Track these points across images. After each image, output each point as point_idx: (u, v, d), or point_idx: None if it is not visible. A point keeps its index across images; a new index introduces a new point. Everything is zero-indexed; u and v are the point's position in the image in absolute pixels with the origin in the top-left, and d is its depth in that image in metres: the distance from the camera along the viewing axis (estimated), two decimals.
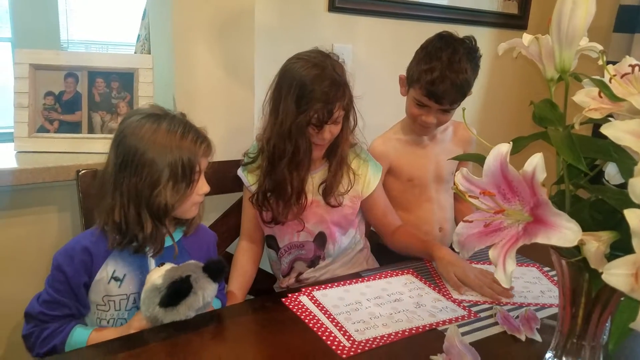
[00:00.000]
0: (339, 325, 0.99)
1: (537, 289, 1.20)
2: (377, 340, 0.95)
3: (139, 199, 1.01)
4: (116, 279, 1.05)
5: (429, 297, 1.14)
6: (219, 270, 1.03)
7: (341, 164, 1.35)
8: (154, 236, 1.04)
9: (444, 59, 1.36)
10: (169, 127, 1.04)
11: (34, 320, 1.03)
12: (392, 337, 0.96)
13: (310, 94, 1.21)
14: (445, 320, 1.03)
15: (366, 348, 0.92)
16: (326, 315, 1.02)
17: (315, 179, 1.36)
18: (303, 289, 1.13)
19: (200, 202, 1.11)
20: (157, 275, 0.98)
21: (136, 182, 1.01)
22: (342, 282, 1.18)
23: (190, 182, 1.05)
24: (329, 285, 1.16)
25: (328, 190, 1.33)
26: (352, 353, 0.90)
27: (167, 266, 1.01)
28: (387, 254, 1.48)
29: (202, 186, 1.09)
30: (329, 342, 0.93)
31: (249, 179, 1.38)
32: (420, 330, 0.99)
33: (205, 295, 0.99)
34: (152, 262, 1.08)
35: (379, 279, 1.21)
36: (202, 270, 1.01)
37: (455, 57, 1.36)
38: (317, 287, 1.14)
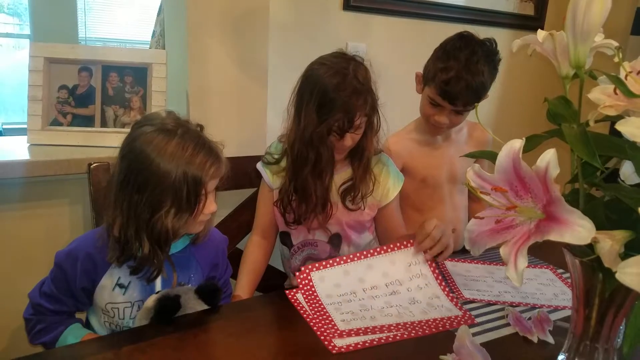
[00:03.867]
0: (329, 319, 0.98)
1: (550, 291, 1.18)
2: (361, 331, 0.95)
3: (139, 221, 0.96)
4: (121, 286, 1.03)
5: (428, 290, 1.11)
6: (211, 293, 1.00)
7: (366, 169, 1.33)
8: (152, 259, 0.99)
9: (462, 59, 1.34)
10: (180, 142, 0.96)
11: (33, 308, 1.04)
12: (376, 330, 0.96)
13: (331, 102, 1.19)
14: (437, 319, 1.02)
15: (352, 345, 0.91)
16: (318, 309, 1.02)
17: (336, 180, 1.34)
18: (303, 268, 1.10)
19: (207, 220, 1.06)
20: (151, 299, 0.96)
21: (137, 202, 0.95)
22: (343, 260, 1.13)
23: (195, 205, 0.98)
24: (329, 263, 1.12)
25: (350, 194, 1.32)
26: (343, 350, 0.90)
27: (163, 292, 0.99)
28: None
29: (209, 206, 1.02)
30: (322, 338, 0.93)
31: (271, 178, 1.37)
32: (408, 326, 0.98)
33: None
34: None
35: (384, 253, 1.16)
36: (193, 293, 0.99)
37: (474, 58, 1.34)
38: (316, 267, 1.10)
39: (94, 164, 1.24)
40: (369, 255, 1.16)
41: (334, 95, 1.19)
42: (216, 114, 1.52)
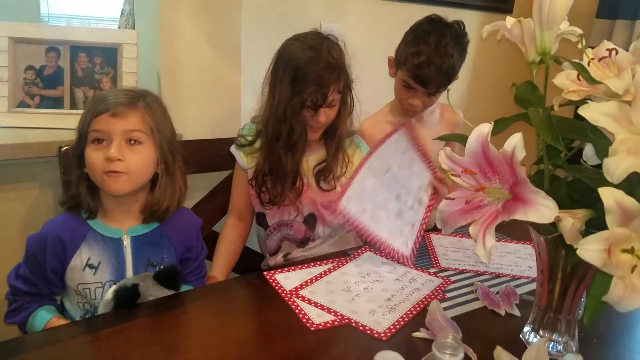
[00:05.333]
0: (332, 310, 0.98)
1: (525, 264, 1.24)
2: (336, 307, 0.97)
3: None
4: (91, 266, 1.04)
5: (400, 271, 1.15)
6: (170, 277, 1.00)
7: (339, 148, 1.36)
8: (85, 198, 1.05)
9: (431, 43, 1.36)
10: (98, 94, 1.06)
11: (10, 290, 1.06)
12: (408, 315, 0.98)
13: (304, 76, 1.21)
14: (434, 290, 1.07)
15: (330, 322, 0.93)
16: (295, 293, 1.03)
17: (310, 161, 1.37)
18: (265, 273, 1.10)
19: (113, 171, 1.00)
20: (110, 291, 0.95)
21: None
22: (319, 274, 1.12)
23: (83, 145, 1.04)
24: (308, 280, 1.08)
25: (324, 174, 1.34)
26: (321, 327, 0.92)
27: (120, 282, 0.98)
28: None
29: (108, 150, 1.00)
30: (300, 316, 0.95)
31: (245, 160, 1.38)
32: (417, 306, 1.01)
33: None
34: (127, 249, 1.07)
35: (345, 264, 1.17)
36: (152, 279, 0.99)
37: (442, 41, 1.37)
38: (299, 287, 1.05)
39: (65, 147, 1.22)
40: (334, 268, 1.15)
41: (307, 70, 1.21)
42: (189, 95, 1.51)
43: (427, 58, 1.35)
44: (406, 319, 0.95)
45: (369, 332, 0.91)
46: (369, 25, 1.98)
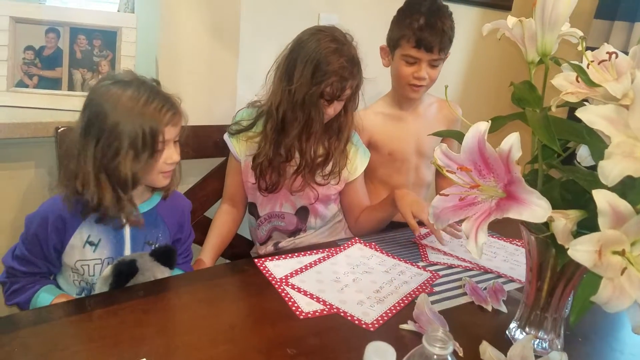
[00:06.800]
0: (321, 300, 0.99)
1: (511, 264, 1.24)
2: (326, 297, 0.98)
3: (100, 167, 0.98)
4: (91, 243, 1.05)
5: (389, 264, 1.16)
6: (166, 254, 1.03)
7: (346, 144, 1.36)
8: (116, 206, 1.01)
9: (425, 10, 1.40)
10: (134, 93, 0.99)
11: (6, 272, 1.06)
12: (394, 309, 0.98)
13: (328, 66, 1.21)
14: (423, 284, 1.07)
15: (319, 311, 0.94)
16: (285, 282, 1.04)
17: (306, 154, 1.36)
18: (255, 261, 1.11)
19: (170, 171, 1.07)
20: (108, 268, 0.99)
21: (98, 149, 0.98)
22: (309, 264, 1.13)
23: (153, 151, 1.00)
24: (298, 269, 1.10)
25: (320, 168, 1.34)
26: (310, 315, 0.93)
27: (118, 259, 1.02)
28: None
29: (171, 155, 1.04)
30: (290, 303, 0.96)
31: (238, 149, 1.37)
32: (404, 299, 1.02)
33: (156, 275, 1.02)
34: (127, 227, 1.07)
35: (334, 255, 1.19)
36: (149, 256, 1.02)
37: (435, 5, 1.42)
38: (289, 275, 1.07)
39: (62, 128, 1.23)
40: (325, 258, 1.17)
41: (332, 59, 1.22)
42: (186, 81, 1.51)
43: (426, 21, 1.38)
44: (394, 311, 0.97)
45: (357, 322, 0.92)
46: (366, 17, 1.98)
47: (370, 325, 0.92)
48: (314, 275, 1.08)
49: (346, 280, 1.07)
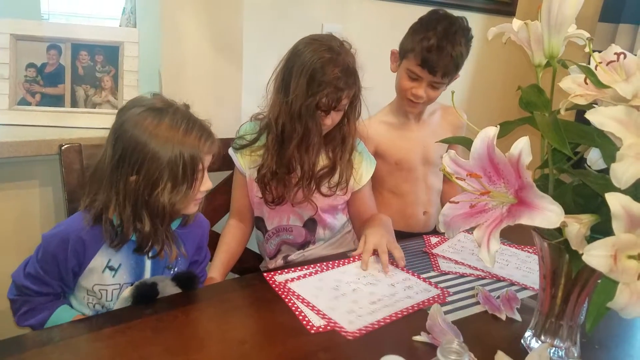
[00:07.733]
0: (310, 305, 0.99)
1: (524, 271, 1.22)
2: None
3: (137, 199, 0.97)
4: (111, 268, 1.03)
5: (399, 277, 1.13)
6: (188, 280, 1.01)
7: (351, 154, 1.35)
8: (153, 236, 1.00)
9: (440, 30, 1.37)
10: (172, 122, 0.97)
11: (17, 289, 1.03)
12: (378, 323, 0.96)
13: (323, 77, 1.20)
14: (423, 301, 1.04)
15: (330, 326, 0.92)
16: (298, 298, 1.02)
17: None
18: (278, 282, 1.08)
19: (201, 198, 1.07)
20: (128, 290, 0.97)
21: (134, 180, 0.96)
22: (315, 270, 1.13)
23: (192, 181, 1.00)
24: (302, 275, 1.10)
25: (326, 179, 1.32)
26: (321, 330, 0.91)
27: (140, 281, 1.00)
28: None
29: (206, 183, 1.04)
30: (300, 318, 0.94)
31: (242, 163, 1.36)
32: (399, 314, 0.99)
33: None
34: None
35: (345, 265, 1.18)
36: (170, 280, 1.00)
37: (452, 29, 1.38)
38: (290, 280, 1.08)
39: (65, 145, 1.22)
40: (340, 264, 1.17)
41: (326, 70, 1.20)
42: (190, 95, 1.47)
43: (437, 43, 1.36)
44: (382, 324, 0.95)
45: (338, 329, 0.91)
46: (371, 27, 1.98)
47: (349, 334, 0.90)
48: (314, 282, 1.07)
49: (345, 290, 1.06)
